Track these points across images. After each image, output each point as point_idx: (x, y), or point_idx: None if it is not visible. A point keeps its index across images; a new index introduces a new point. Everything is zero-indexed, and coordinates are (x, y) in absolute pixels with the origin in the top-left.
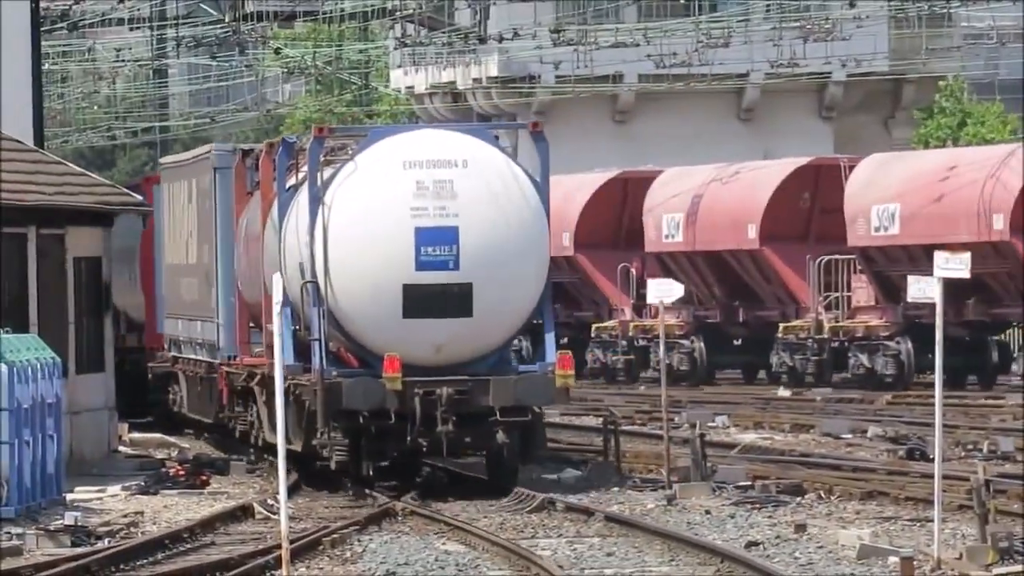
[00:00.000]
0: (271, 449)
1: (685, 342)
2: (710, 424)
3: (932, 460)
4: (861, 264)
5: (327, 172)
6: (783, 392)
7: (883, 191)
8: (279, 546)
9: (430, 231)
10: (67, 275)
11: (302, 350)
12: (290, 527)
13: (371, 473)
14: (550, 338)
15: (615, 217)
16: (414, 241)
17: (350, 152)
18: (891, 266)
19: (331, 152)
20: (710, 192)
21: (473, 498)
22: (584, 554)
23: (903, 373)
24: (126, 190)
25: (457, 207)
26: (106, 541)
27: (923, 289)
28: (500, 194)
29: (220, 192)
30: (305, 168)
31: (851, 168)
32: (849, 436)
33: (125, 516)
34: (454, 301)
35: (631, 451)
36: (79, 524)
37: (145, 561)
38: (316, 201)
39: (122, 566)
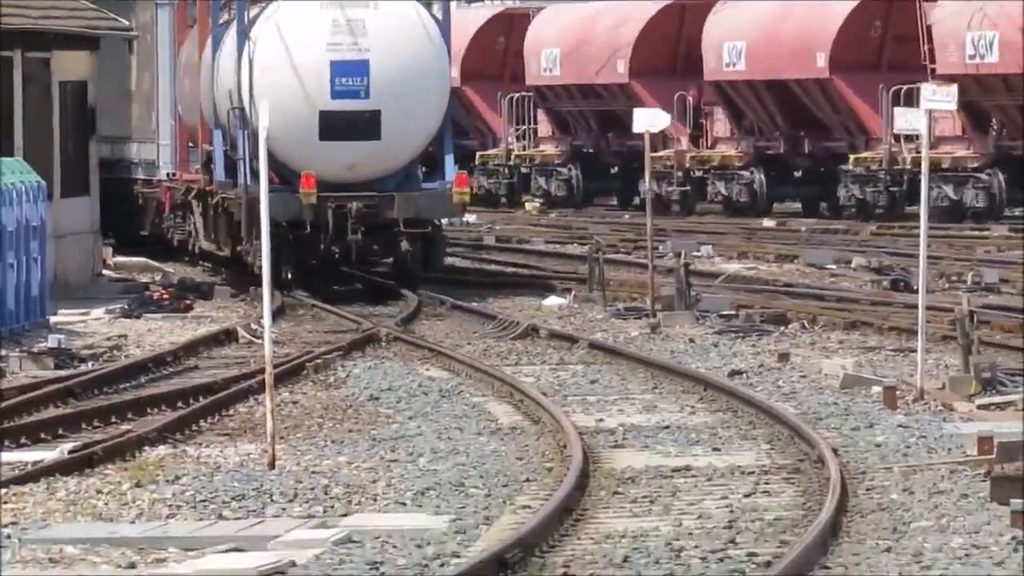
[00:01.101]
0: (207, 256)
1: (745, 173)
2: (695, 253)
3: (916, 290)
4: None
5: (254, 11)
6: (768, 222)
7: (974, 12)
8: (263, 370)
9: (344, 64)
10: (52, 99)
11: (231, 168)
12: (273, 352)
13: (290, 277)
14: (449, 159)
15: (671, 45)
16: (329, 73)
17: None
18: (985, 96)
19: None
20: (774, 19)
21: (457, 326)
22: (567, 381)
23: (993, 206)
24: (113, 15)
25: (368, 43)
26: (89, 364)
27: (909, 121)
28: (406, 32)
29: (160, 25)
30: (235, 6)
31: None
32: (833, 267)
33: (109, 339)
34: (364, 126)
35: (615, 279)
36: (63, 347)
37: (128, 384)
38: (243, 36)
39: (105, 389)
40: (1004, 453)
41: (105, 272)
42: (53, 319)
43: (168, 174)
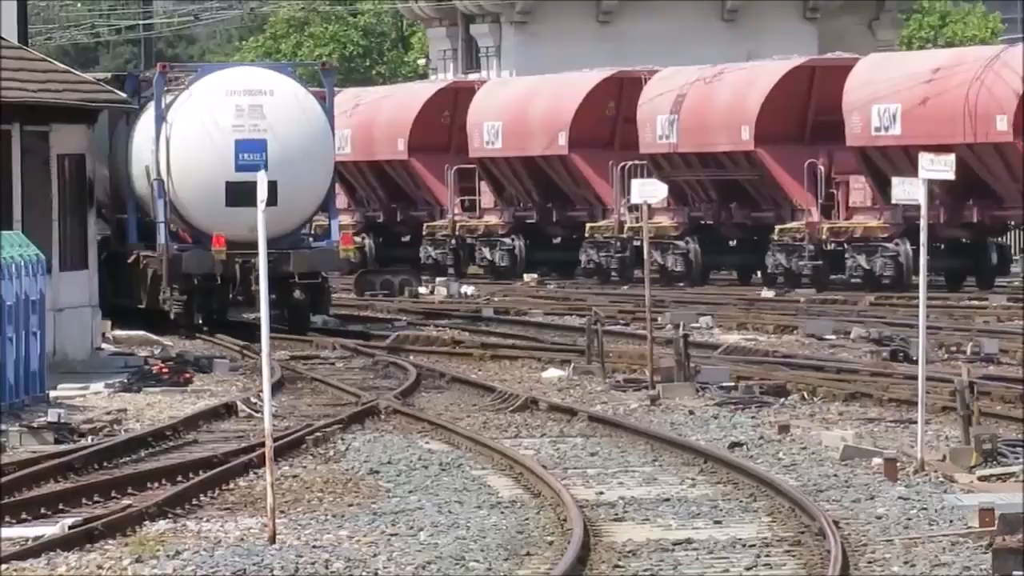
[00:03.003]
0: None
1: (680, 243)
2: (694, 325)
3: (915, 361)
4: (860, 164)
5: (168, 97)
6: (767, 293)
7: (883, 91)
8: (262, 444)
9: (246, 142)
10: (51, 172)
11: (147, 232)
12: (273, 425)
13: (201, 322)
14: (335, 222)
15: (611, 118)
16: (234, 150)
17: (186, 83)
18: (891, 167)
19: (170, 83)
20: (695, 91)
21: (456, 398)
22: (567, 453)
23: (902, 275)
24: (110, 88)
25: (266, 125)
26: (89, 438)
27: (908, 191)
28: (297, 116)
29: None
30: (148, 92)
31: (851, 67)
32: (832, 337)
33: (108, 413)
34: (271, 194)
35: (615, 351)
36: (62, 421)
37: (128, 459)
38: (160, 120)
39: (105, 463)
40: (1006, 525)
41: (104, 345)
42: (52, 393)
43: None
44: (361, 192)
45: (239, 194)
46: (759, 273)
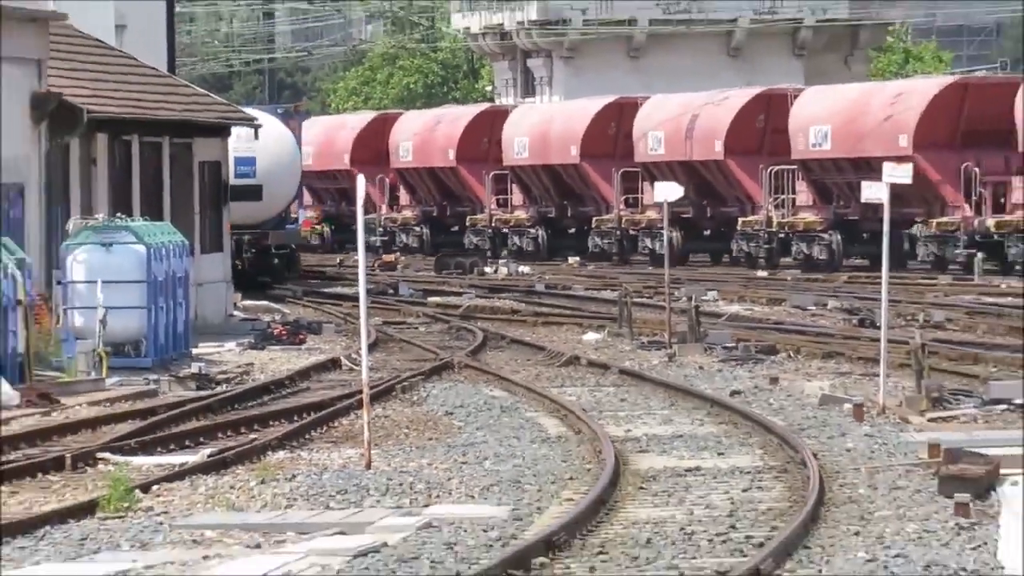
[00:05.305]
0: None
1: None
2: (703, 298)
3: (879, 327)
4: (802, 173)
5: None
6: (761, 272)
7: (819, 115)
8: (361, 391)
9: (243, 158)
10: (193, 175)
11: None
12: (369, 376)
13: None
14: (301, 212)
15: (613, 135)
16: (234, 163)
17: None
18: (824, 174)
19: None
20: (681, 113)
21: (514, 355)
22: (602, 399)
23: (833, 259)
24: (240, 108)
25: (256, 147)
26: (223, 386)
27: (875, 192)
28: (275, 141)
29: None
30: None
31: (795, 97)
32: (813, 308)
33: (238, 367)
34: (254, 193)
35: (640, 319)
36: (202, 372)
37: (254, 402)
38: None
39: (236, 405)
40: (949, 457)
41: (235, 312)
42: (195, 351)
43: None
44: (420, 192)
45: (239, 193)
46: (726, 256)
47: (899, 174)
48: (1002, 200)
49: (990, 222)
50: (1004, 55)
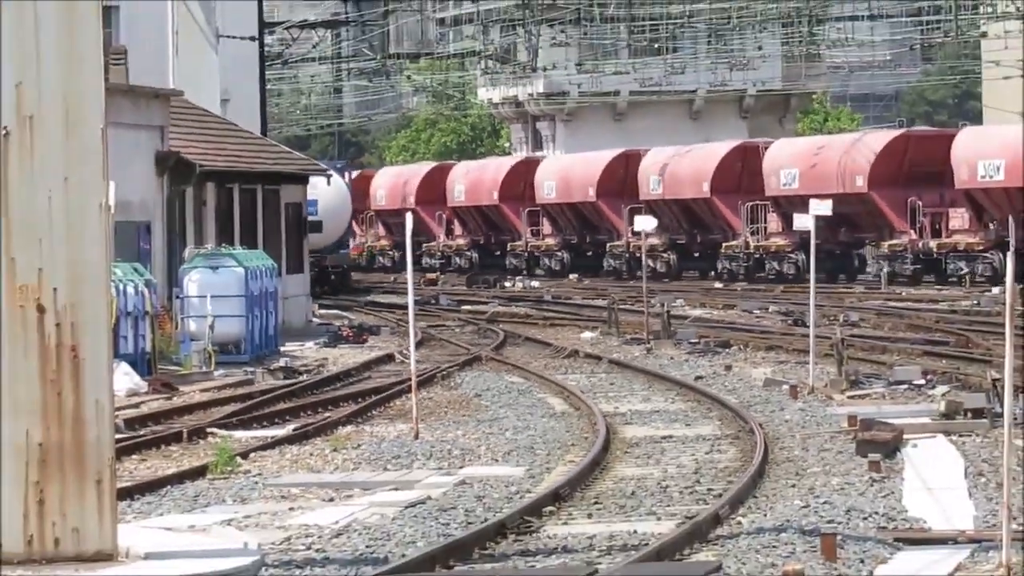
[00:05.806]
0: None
1: (664, 255)
2: (673, 304)
3: (808, 326)
4: (773, 207)
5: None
6: (717, 285)
7: (787, 160)
8: (410, 379)
9: (309, 200)
10: (280, 213)
11: None
12: (416, 367)
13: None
14: (350, 241)
15: (621, 177)
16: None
17: None
18: (791, 207)
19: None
20: (674, 161)
21: (528, 350)
22: (596, 383)
23: (799, 273)
24: (316, 161)
25: (318, 191)
26: (304, 376)
27: (804, 222)
28: (332, 187)
29: None
30: None
31: (766, 148)
32: (758, 311)
33: (316, 360)
34: (318, 227)
35: (625, 321)
36: (288, 365)
37: (328, 388)
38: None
39: (314, 391)
40: (864, 425)
41: (313, 319)
42: (282, 348)
43: None
44: (470, 224)
45: (311, 228)
46: (713, 272)
47: (822, 208)
48: (938, 226)
49: (932, 244)
50: (901, 116)
